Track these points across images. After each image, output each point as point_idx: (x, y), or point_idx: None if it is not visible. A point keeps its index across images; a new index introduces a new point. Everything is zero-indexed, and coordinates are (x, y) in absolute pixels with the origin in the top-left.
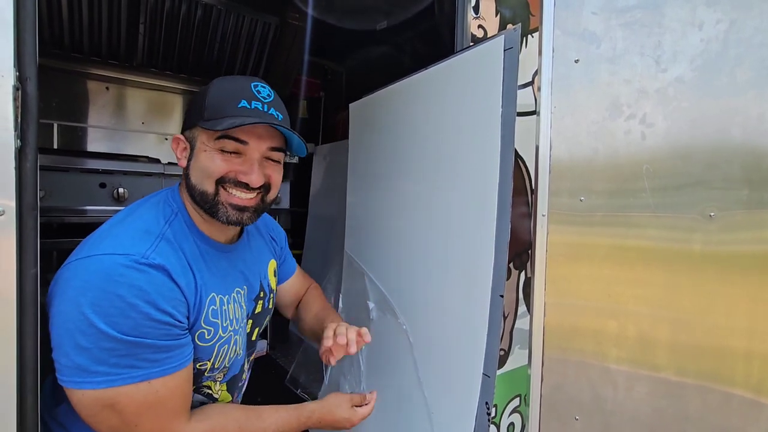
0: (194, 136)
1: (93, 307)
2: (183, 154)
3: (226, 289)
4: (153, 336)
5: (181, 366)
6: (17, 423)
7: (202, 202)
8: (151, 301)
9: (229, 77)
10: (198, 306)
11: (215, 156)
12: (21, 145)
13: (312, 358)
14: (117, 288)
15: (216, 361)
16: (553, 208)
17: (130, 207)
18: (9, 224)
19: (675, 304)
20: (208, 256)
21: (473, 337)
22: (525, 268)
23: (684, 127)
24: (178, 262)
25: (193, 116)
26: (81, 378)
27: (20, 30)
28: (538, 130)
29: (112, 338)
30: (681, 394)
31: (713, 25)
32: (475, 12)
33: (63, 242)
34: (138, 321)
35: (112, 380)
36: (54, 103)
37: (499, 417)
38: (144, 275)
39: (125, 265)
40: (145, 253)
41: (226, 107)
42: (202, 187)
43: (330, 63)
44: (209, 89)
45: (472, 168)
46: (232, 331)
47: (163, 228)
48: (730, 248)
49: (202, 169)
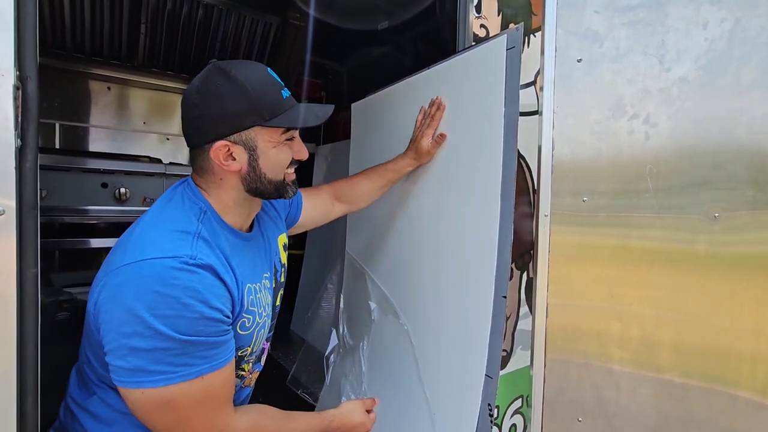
0: (251, 137)
1: (150, 310)
2: (230, 159)
3: (256, 277)
4: (206, 333)
5: (229, 359)
6: (17, 422)
7: (275, 190)
8: (205, 300)
9: (243, 66)
10: (241, 299)
11: (284, 148)
12: (21, 144)
13: (313, 358)
14: (172, 290)
15: (254, 346)
16: (556, 208)
17: (154, 210)
18: (9, 224)
19: (679, 306)
20: (239, 248)
21: (476, 338)
22: (527, 268)
23: (688, 127)
24: (218, 260)
25: (240, 119)
26: (140, 378)
27: (21, 29)
28: (540, 130)
29: (169, 338)
30: (685, 396)
31: (718, 24)
32: (477, 11)
33: (65, 242)
34: (193, 320)
35: (169, 378)
36: (56, 103)
37: (501, 418)
38: (195, 276)
39: (177, 268)
40: (192, 254)
41: (278, 102)
42: (277, 178)
43: (331, 63)
44: (246, 87)
45: (474, 168)
46: (266, 316)
47: (198, 227)
48: (735, 249)
49: (278, 164)
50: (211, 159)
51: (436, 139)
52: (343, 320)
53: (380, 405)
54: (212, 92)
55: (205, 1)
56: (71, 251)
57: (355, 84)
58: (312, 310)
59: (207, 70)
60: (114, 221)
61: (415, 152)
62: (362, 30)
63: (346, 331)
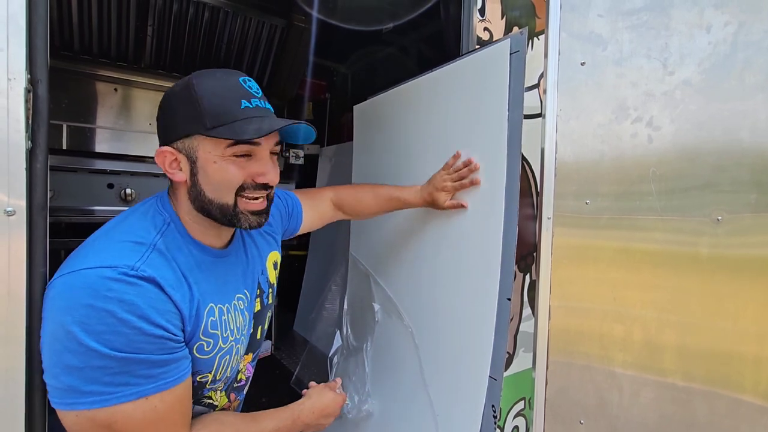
0: (193, 146)
1: (81, 325)
2: (174, 167)
3: (226, 297)
4: (147, 351)
5: (179, 380)
6: (25, 420)
7: (221, 215)
8: (143, 315)
9: (208, 73)
10: (195, 318)
11: (229, 165)
12: (32, 146)
13: (317, 358)
14: (106, 303)
15: (218, 373)
16: (559, 210)
17: (116, 218)
18: (20, 224)
19: (682, 308)
20: (205, 264)
21: (479, 340)
22: (530, 270)
23: (691, 130)
24: (172, 274)
25: (184, 125)
26: (73, 399)
27: (32, 33)
28: (543, 133)
29: (104, 356)
30: (688, 399)
31: (721, 28)
32: (481, 14)
33: (71, 242)
34: (130, 336)
35: (106, 399)
36: (63, 104)
37: (504, 420)
38: (134, 288)
39: (113, 279)
40: (134, 264)
41: (229, 111)
42: (222, 200)
43: (336, 65)
44: (197, 92)
45: (478, 170)
46: (234, 341)
47: (155, 239)
48: (738, 252)
49: (219, 183)
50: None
51: (454, 203)
52: (346, 321)
53: (384, 406)
54: (168, 97)
55: (211, 4)
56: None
57: (359, 86)
58: (315, 311)
59: (181, 80)
60: None
61: (429, 197)
62: (367, 32)
63: (350, 332)
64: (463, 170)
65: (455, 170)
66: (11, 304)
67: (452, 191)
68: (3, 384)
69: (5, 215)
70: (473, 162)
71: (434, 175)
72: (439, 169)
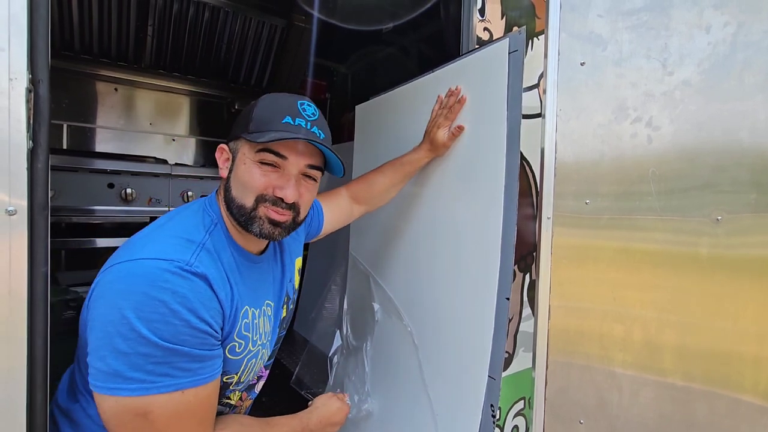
0: (237, 147)
1: (135, 311)
2: (225, 164)
3: (257, 302)
4: (190, 344)
5: (213, 377)
6: (27, 417)
7: (239, 215)
8: (193, 309)
9: (278, 94)
10: (233, 318)
11: (254, 168)
12: (33, 146)
13: (317, 358)
14: (161, 293)
15: (243, 375)
16: (558, 210)
17: (170, 213)
18: (21, 223)
19: (682, 309)
20: (243, 268)
21: (479, 340)
22: (529, 270)
23: (691, 131)
24: (217, 273)
25: (238, 128)
26: (116, 384)
27: (33, 34)
28: (543, 133)
29: (151, 343)
30: (688, 399)
31: (721, 28)
32: (480, 14)
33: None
34: (178, 328)
35: (146, 388)
36: (64, 104)
37: (503, 420)
38: (187, 282)
39: (170, 271)
40: (189, 260)
41: (270, 122)
42: (242, 200)
43: (336, 65)
44: (257, 103)
45: (477, 170)
46: (261, 345)
47: (204, 238)
48: (738, 252)
49: (242, 182)
50: (217, 161)
51: (453, 131)
52: (346, 321)
53: (383, 405)
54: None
55: (211, 4)
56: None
57: (359, 86)
58: (315, 311)
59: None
60: (120, 221)
61: (430, 144)
62: (367, 33)
63: (350, 332)
64: (450, 98)
65: (442, 105)
66: (12, 304)
67: (446, 124)
68: (4, 383)
69: (7, 215)
70: (459, 90)
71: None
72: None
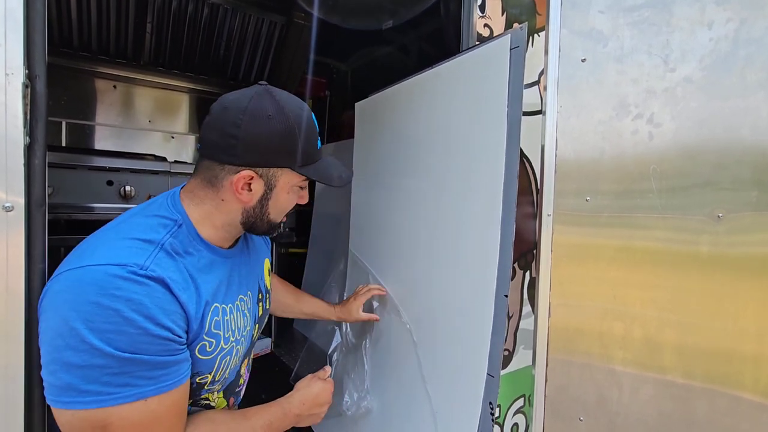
0: (276, 176)
1: (86, 322)
2: (244, 189)
3: (230, 297)
4: (150, 352)
5: (179, 382)
6: (25, 415)
7: (268, 229)
8: (150, 315)
9: (291, 103)
10: (201, 319)
11: (295, 195)
12: (30, 142)
13: (316, 356)
14: (113, 302)
15: (217, 374)
16: (559, 208)
17: (125, 214)
18: (18, 220)
19: (682, 307)
20: (214, 264)
21: (477, 337)
22: (530, 268)
23: (692, 128)
24: (178, 274)
25: (281, 157)
26: (70, 398)
27: (30, 28)
28: (543, 130)
29: (106, 355)
30: (688, 397)
31: (723, 24)
32: (481, 11)
33: (70, 239)
34: (135, 337)
35: (103, 400)
36: (62, 101)
37: (503, 417)
38: (143, 288)
39: (122, 277)
40: (143, 264)
41: (313, 152)
42: (277, 220)
43: (336, 62)
44: (298, 130)
45: (477, 167)
46: (234, 342)
47: (164, 238)
48: (739, 250)
49: (284, 207)
50: (227, 179)
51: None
52: None
53: (383, 402)
54: (260, 119)
55: (210, 1)
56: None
57: (359, 83)
58: None
59: (257, 92)
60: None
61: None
62: (367, 29)
63: (349, 330)
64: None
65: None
66: (10, 301)
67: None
68: (2, 381)
69: (4, 211)
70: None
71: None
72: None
